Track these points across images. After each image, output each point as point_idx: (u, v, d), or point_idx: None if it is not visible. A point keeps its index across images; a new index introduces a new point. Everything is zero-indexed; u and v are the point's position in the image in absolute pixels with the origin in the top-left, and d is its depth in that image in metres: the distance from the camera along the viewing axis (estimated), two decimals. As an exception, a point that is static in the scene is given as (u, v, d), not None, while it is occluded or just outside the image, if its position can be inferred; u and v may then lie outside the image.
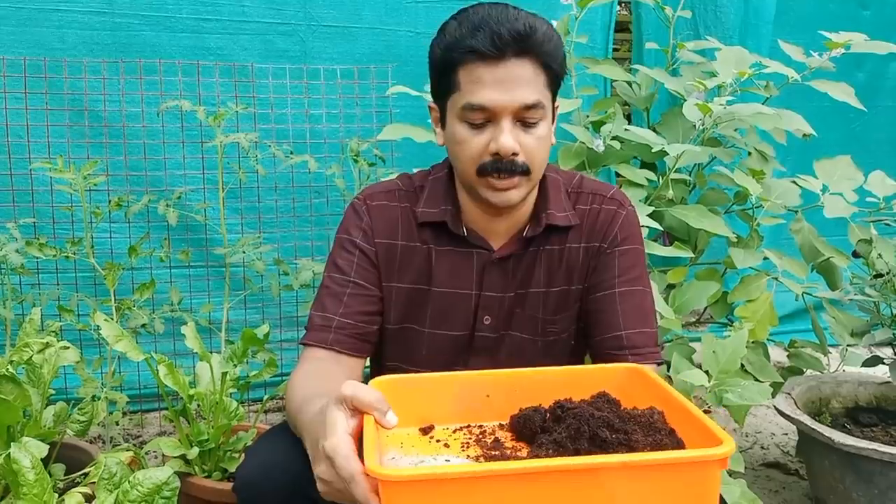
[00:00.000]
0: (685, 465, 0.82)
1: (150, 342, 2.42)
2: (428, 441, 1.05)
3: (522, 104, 1.18)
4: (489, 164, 1.21)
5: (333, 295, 1.30)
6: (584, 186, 1.38)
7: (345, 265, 1.32)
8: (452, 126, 1.24)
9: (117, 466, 1.38)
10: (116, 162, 2.45)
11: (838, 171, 2.27)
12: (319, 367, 1.25)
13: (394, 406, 1.09)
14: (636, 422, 0.96)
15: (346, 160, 2.44)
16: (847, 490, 1.85)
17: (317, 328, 1.28)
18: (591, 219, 1.35)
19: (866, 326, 1.94)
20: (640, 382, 1.07)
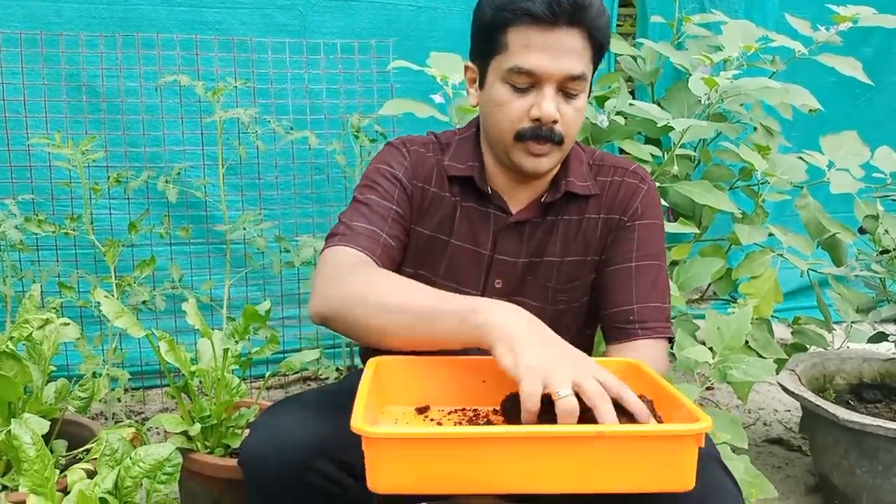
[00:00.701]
0: (660, 438, 0.86)
1: (152, 319, 2.41)
2: (422, 419, 1.08)
3: (569, 74, 1.18)
4: (528, 129, 1.21)
5: (377, 213, 1.28)
6: (606, 160, 1.38)
7: (386, 192, 1.31)
8: (494, 87, 1.23)
9: (119, 442, 1.37)
10: (115, 138, 2.43)
11: (844, 147, 2.25)
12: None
13: (392, 386, 1.10)
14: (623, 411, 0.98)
15: (346, 136, 2.42)
16: (851, 466, 1.85)
17: (362, 236, 1.24)
18: (612, 191, 1.34)
19: (872, 303, 1.93)
20: (635, 375, 1.09)
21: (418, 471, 0.84)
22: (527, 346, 0.94)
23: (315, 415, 1.15)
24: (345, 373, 2.59)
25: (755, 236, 2.07)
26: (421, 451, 0.83)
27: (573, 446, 0.84)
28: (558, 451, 0.83)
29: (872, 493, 1.83)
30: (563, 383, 0.90)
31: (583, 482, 0.85)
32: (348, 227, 1.26)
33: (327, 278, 1.18)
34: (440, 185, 1.34)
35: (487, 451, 0.83)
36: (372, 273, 1.18)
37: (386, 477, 0.84)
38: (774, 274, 2.11)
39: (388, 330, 1.09)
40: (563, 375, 0.90)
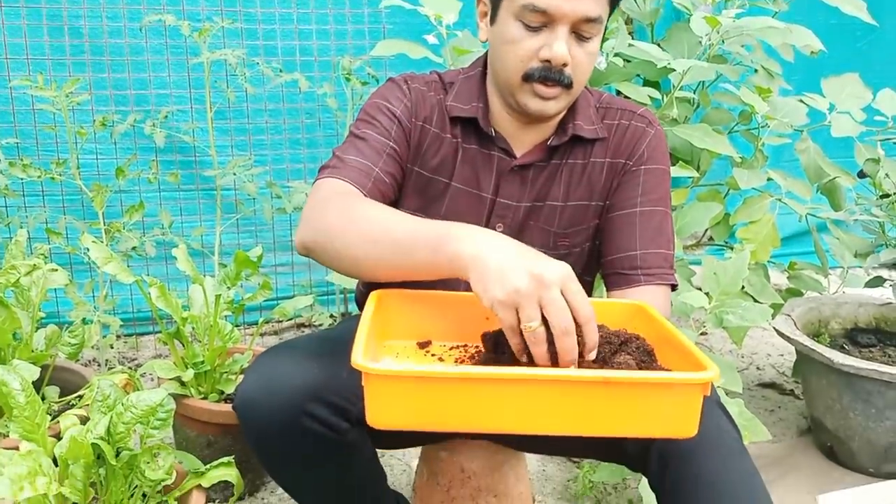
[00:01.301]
0: (667, 386, 0.84)
1: (142, 266, 2.39)
2: (423, 354, 1.07)
3: (584, 16, 1.14)
4: (537, 70, 1.17)
5: (372, 148, 1.25)
6: (614, 103, 1.34)
7: (383, 127, 1.27)
8: (505, 24, 1.18)
9: (111, 388, 1.36)
10: (99, 80, 2.36)
11: (846, 89, 2.20)
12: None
13: (394, 319, 1.09)
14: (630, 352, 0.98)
15: (337, 79, 2.36)
16: (844, 409, 1.86)
17: (354, 169, 1.21)
18: (619, 134, 1.31)
19: (870, 247, 1.91)
20: (641, 318, 1.07)
21: (417, 408, 0.83)
22: (497, 276, 0.90)
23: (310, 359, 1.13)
24: (339, 319, 2.58)
25: (754, 181, 2.04)
26: (421, 390, 0.82)
27: (579, 391, 0.82)
28: (563, 395, 0.82)
29: (865, 435, 1.85)
30: (530, 316, 0.88)
31: (586, 426, 0.84)
32: (340, 160, 1.23)
33: (312, 209, 1.15)
34: (441, 126, 1.30)
35: (489, 392, 0.82)
36: (356, 203, 1.14)
37: (384, 413, 0.83)
38: (772, 219, 2.09)
39: (367, 261, 1.07)
40: (529, 306, 0.88)
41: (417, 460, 1.55)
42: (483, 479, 1.45)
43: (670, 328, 1.00)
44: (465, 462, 1.44)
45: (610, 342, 1.00)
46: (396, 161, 1.27)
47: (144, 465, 1.29)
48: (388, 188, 1.25)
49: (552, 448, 1.37)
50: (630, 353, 0.98)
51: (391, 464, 1.90)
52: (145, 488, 1.31)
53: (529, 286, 0.88)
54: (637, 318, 1.08)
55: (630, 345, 1.00)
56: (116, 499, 1.28)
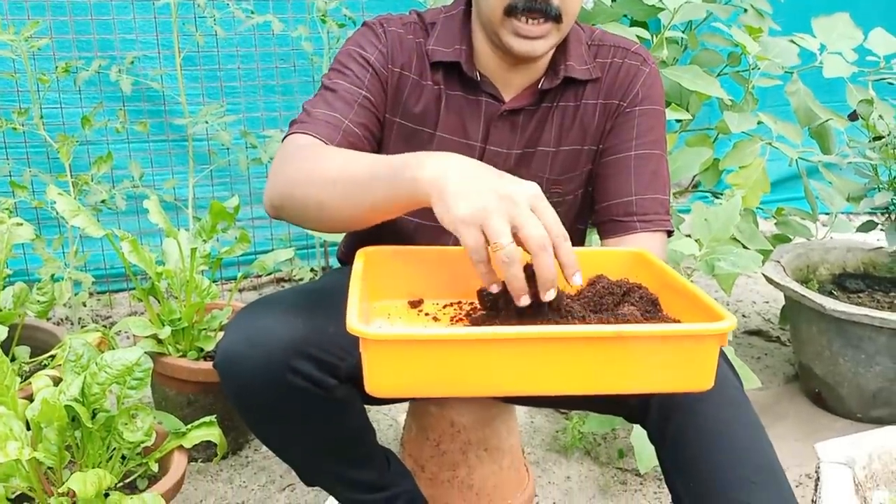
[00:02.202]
0: (684, 337, 0.79)
1: (113, 220, 2.30)
2: (416, 314, 1.01)
3: None
4: (521, 2, 1.08)
5: (342, 99, 1.17)
6: (606, 39, 1.26)
7: (356, 77, 1.19)
8: None
9: (84, 348, 1.29)
10: (60, 23, 2.23)
11: (837, 29, 2.15)
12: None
13: (383, 278, 1.02)
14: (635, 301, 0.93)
15: (312, 21, 2.25)
16: (834, 355, 1.85)
17: (322, 123, 1.15)
18: (612, 74, 1.23)
19: (863, 190, 1.88)
20: (643, 266, 1.02)
21: (423, 375, 0.77)
22: (459, 195, 0.83)
23: (294, 313, 1.08)
24: (320, 273, 2.52)
25: (745, 124, 1.99)
26: (427, 355, 0.76)
27: (588, 346, 0.77)
28: (572, 351, 0.77)
29: (854, 381, 1.84)
30: (500, 231, 0.80)
31: (597, 383, 0.80)
32: (308, 115, 1.16)
33: (276, 168, 1.09)
34: (420, 72, 1.22)
35: (495, 353, 0.76)
36: (316, 151, 1.07)
37: (386, 380, 0.78)
38: (762, 163, 2.05)
39: (330, 204, 1.00)
40: (498, 221, 0.81)
41: (405, 415, 1.51)
42: (474, 433, 1.42)
43: (674, 275, 0.95)
44: (455, 416, 1.40)
45: (612, 293, 0.95)
46: (370, 111, 1.19)
47: (122, 427, 1.24)
48: (359, 140, 1.17)
49: (549, 401, 1.34)
50: (633, 303, 0.93)
51: (377, 419, 1.86)
52: (124, 451, 1.26)
53: (498, 202, 0.81)
54: (638, 267, 1.03)
55: (633, 294, 0.95)
56: (94, 462, 1.23)
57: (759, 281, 2.79)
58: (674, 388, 0.83)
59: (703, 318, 0.84)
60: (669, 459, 1.03)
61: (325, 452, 1.18)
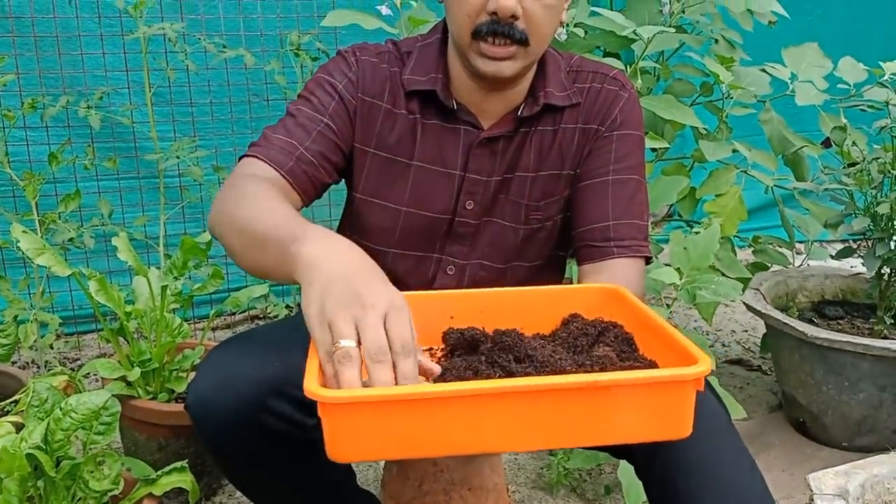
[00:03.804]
0: (657, 385, 0.75)
1: (81, 260, 2.24)
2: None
3: None
4: (485, 25, 1.08)
5: (302, 126, 1.16)
6: (585, 65, 1.25)
7: (320, 103, 1.18)
8: None
9: (48, 392, 1.23)
10: (27, 59, 2.19)
11: (807, 59, 2.18)
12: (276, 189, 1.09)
13: None
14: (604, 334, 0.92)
15: (285, 55, 2.24)
16: (817, 383, 1.83)
17: (276, 148, 1.13)
18: (591, 99, 1.23)
19: (840, 217, 1.88)
20: (617, 303, 0.99)
21: (387, 435, 0.72)
22: (319, 289, 0.80)
23: (268, 351, 1.04)
24: (295, 310, 2.47)
25: (720, 152, 1.99)
26: (390, 415, 0.71)
27: (554, 399, 0.73)
28: (539, 405, 0.73)
29: (838, 409, 1.82)
30: (341, 332, 0.76)
31: (570, 437, 0.76)
32: (266, 139, 1.16)
33: (221, 191, 1.09)
34: (394, 101, 1.21)
35: (463, 410, 0.72)
36: (247, 189, 1.05)
37: (349, 445, 0.73)
38: (739, 191, 2.05)
39: (235, 251, 1.01)
40: (343, 322, 0.76)
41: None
42: (457, 472, 1.37)
43: (649, 313, 0.92)
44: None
45: (587, 333, 0.94)
46: (330, 139, 1.18)
47: (88, 475, 1.18)
48: (315, 169, 1.16)
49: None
50: (609, 343, 0.91)
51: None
52: (90, 500, 1.20)
53: (348, 304, 0.77)
54: (612, 303, 1.00)
55: (608, 334, 0.93)
56: (57, 513, 1.16)
57: (738, 310, 2.78)
58: (648, 438, 0.78)
59: (678, 359, 0.81)
60: (658, 495, 1.00)
61: (304, 498, 1.13)
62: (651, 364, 0.86)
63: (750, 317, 2.63)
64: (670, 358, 0.84)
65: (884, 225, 1.81)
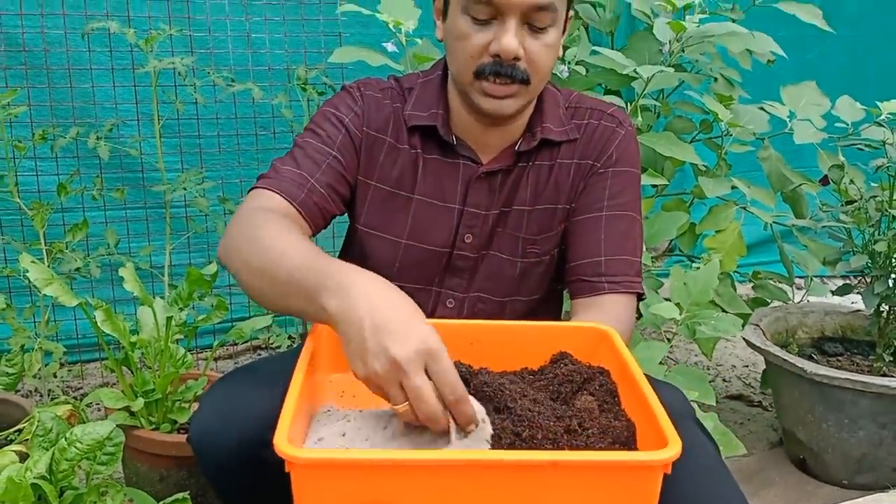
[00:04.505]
0: (623, 468, 0.74)
1: (87, 289, 2.26)
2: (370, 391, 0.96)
3: (533, 4, 1.08)
4: (488, 66, 1.11)
5: (311, 158, 1.19)
6: (583, 102, 1.29)
7: (328, 137, 1.21)
8: (454, 19, 1.13)
9: (53, 421, 1.25)
10: (39, 91, 2.23)
11: (805, 97, 2.21)
12: (291, 222, 1.11)
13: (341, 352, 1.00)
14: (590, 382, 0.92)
15: (292, 89, 2.27)
16: (817, 420, 1.83)
17: (287, 180, 1.16)
18: (588, 134, 1.25)
19: (838, 254, 1.90)
20: (606, 347, 0.99)
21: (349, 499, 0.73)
22: (358, 352, 0.82)
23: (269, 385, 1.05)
24: (297, 341, 2.48)
25: (719, 189, 2.02)
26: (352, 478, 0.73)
27: (519, 475, 0.73)
28: (504, 480, 0.73)
29: (838, 446, 1.83)
30: (396, 399, 0.80)
31: None
32: (276, 171, 1.18)
33: (232, 222, 1.10)
34: (396, 136, 1.24)
35: (426, 478, 0.73)
36: (263, 224, 1.06)
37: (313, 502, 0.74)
38: (738, 227, 2.07)
39: (252, 290, 1.02)
40: (393, 390, 0.79)
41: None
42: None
43: (632, 367, 0.90)
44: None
45: (572, 380, 0.93)
46: (338, 172, 1.21)
47: (90, 506, 1.19)
48: (325, 201, 1.19)
49: None
50: (592, 392, 0.91)
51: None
52: (92, 530, 1.21)
53: (388, 371, 0.79)
54: (601, 346, 1.00)
55: (593, 382, 0.93)
56: (59, 543, 1.17)
57: (739, 345, 2.79)
58: None
59: (649, 426, 0.80)
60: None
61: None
62: (629, 424, 0.85)
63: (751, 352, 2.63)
64: (644, 424, 0.83)
65: (881, 263, 1.83)
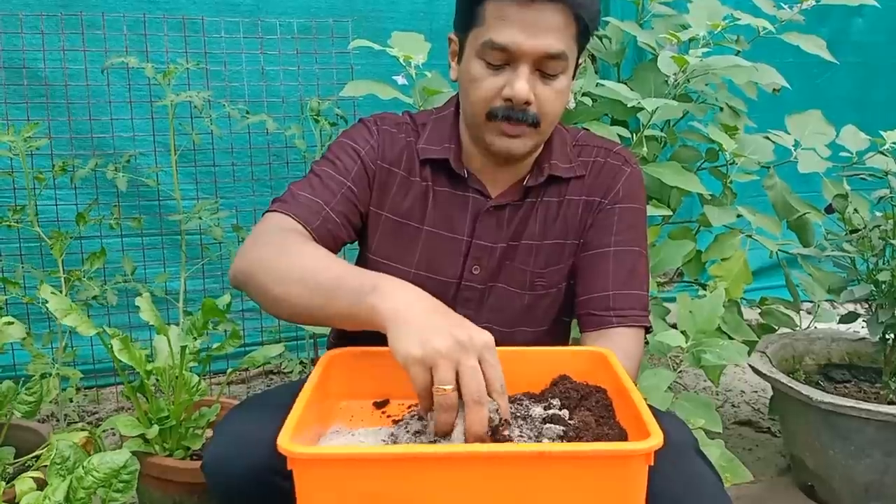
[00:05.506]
0: (606, 458, 0.79)
1: (104, 315, 2.30)
2: (379, 416, 1.02)
3: (546, 52, 1.12)
4: (500, 109, 1.16)
5: (327, 186, 1.23)
6: (590, 140, 1.33)
7: (344, 167, 1.25)
8: (469, 62, 1.17)
9: (70, 450, 1.28)
10: (59, 124, 2.30)
11: (809, 126, 2.24)
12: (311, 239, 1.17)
13: (351, 379, 1.04)
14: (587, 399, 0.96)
15: (305, 120, 2.33)
16: (824, 447, 1.84)
17: (303, 206, 1.20)
18: (595, 172, 1.29)
19: (843, 283, 1.92)
20: (603, 368, 1.03)
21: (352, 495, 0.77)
22: (417, 333, 0.87)
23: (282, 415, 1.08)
24: (308, 365, 2.51)
25: (724, 218, 2.05)
26: (355, 474, 0.77)
27: (509, 467, 0.77)
28: (493, 472, 0.77)
29: (845, 473, 1.83)
30: (445, 378, 0.85)
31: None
32: (292, 196, 1.22)
33: (250, 241, 1.14)
34: (409, 169, 1.28)
35: (416, 473, 0.77)
36: (291, 241, 1.11)
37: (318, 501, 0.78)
38: (744, 255, 2.09)
39: (288, 300, 1.04)
40: (445, 367, 0.85)
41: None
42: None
43: (626, 383, 0.95)
44: None
45: (569, 396, 0.98)
46: (351, 202, 1.25)
47: (106, 532, 1.22)
48: (338, 228, 1.22)
49: None
50: (590, 408, 0.95)
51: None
52: (107, 556, 1.23)
53: (450, 348, 0.85)
54: (599, 367, 1.04)
55: (591, 399, 0.98)
56: (76, 569, 1.20)
57: (748, 370, 2.79)
58: None
59: (640, 435, 0.84)
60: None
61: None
62: (621, 432, 0.89)
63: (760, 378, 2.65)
64: (636, 430, 0.87)
65: (886, 291, 1.84)
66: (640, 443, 0.78)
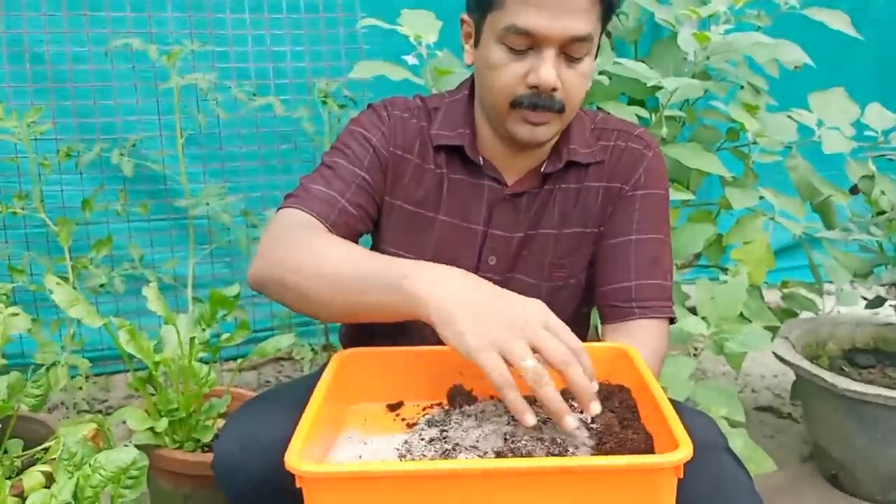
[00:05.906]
0: (634, 472, 0.74)
1: (111, 302, 2.27)
2: (393, 419, 0.98)
3: (572, 35, 1.06)
4: (525, 97, 1.09)
5: (341, 178, 1.18)
6: (609, 123, 1.27)
7: (356, 156, 1.20)
8: (488, 48, 1.11)
9: (77, 445, 1.25)
10: (63, 108, 2.26)
11: (833, 104, 2.17)
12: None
13: (364, 381, 1.00)
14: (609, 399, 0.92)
15: (314, 102, 2.27)
16: (848, 436, 1.80)
17: (317, 200, 1.15)
18: (615, 157, 1.23)
19: (869, 266, 1.86)
20: (626, 365, 0.99)
21: None
22: (470, 320, 0.84)
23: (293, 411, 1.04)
24: (319, 352, 2.48)
25: (747, 200, 1.99)
26: (361, 490, 0.73)
27: (531, 483, 0.73)
28: (512, 486, 0.73)
29: (871, 462, 1.79)
30: (522, 354, 0.81)
31: None
32: (305, 190, 1.17)
33: (268, 241, 1.09)
34: (423, 156, 1.23)
35: (429, 490, 0.73)
36: (313, 237, 1.07)
37: None
38: (766, 239, 2.03)
39: (320, 298, 1.01)
40: (518, 345, 0.82)
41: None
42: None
43: (650, 383, 0.90)
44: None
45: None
46: (367, 192, 1.20)
47: (115, 530, 1.19)
48: (355, 220, 1.18)
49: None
50: (613, 409, 0.91)
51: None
52: (116, 555, 1.20)
53: (513, 328, 0.82)
54: (621, 364, 1.00)
55: (613, 399, 0.93)
56: (85, 569, 1.17)
57: (767, 354, 2.74)
58: None
59: (665, 437, 0.79)
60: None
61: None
62: (647, 437, 0.85)
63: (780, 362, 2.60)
64: (663, 434, 0.83)
65: (915, 275, 1.79)
66: (668, 455, 0.73)
